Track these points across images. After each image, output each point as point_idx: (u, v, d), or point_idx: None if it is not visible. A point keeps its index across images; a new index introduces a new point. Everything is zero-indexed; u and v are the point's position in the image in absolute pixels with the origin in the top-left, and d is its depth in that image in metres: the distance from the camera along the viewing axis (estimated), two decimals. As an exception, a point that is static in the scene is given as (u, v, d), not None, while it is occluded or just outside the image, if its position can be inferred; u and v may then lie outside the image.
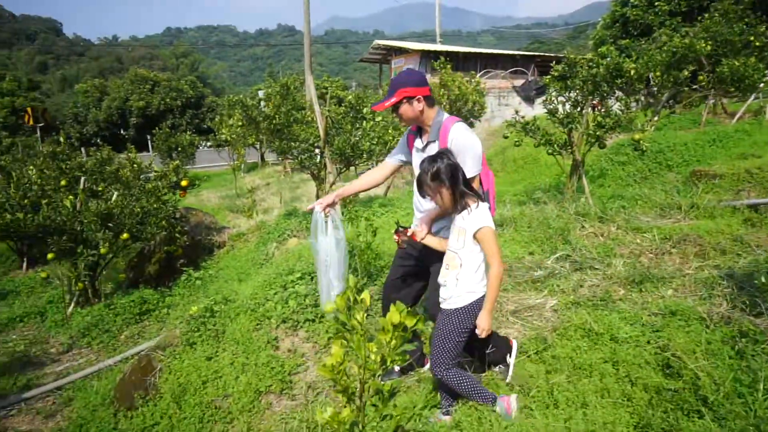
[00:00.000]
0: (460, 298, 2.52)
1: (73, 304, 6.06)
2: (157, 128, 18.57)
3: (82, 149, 9.92)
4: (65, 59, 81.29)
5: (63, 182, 6.64)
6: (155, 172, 7.06)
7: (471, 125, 10.63)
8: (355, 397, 1.44)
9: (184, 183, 7.76)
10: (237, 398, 3.34)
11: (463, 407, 2.66)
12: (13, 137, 14.22)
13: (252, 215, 9.63)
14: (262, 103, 8.10)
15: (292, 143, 7.07)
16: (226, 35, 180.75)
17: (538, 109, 18.21)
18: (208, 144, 29.25)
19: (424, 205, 2.88)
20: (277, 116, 6.88)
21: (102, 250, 5.78)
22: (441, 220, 2.81)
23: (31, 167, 7.40)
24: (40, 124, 20.64)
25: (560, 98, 6.51)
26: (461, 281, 2.51)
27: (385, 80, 26.48)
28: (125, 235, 5.93)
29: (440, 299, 2.62)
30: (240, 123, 8.13)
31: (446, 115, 2.84)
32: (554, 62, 7.24)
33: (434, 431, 2.57)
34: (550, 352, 3.15)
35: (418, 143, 2.89)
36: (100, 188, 7.13)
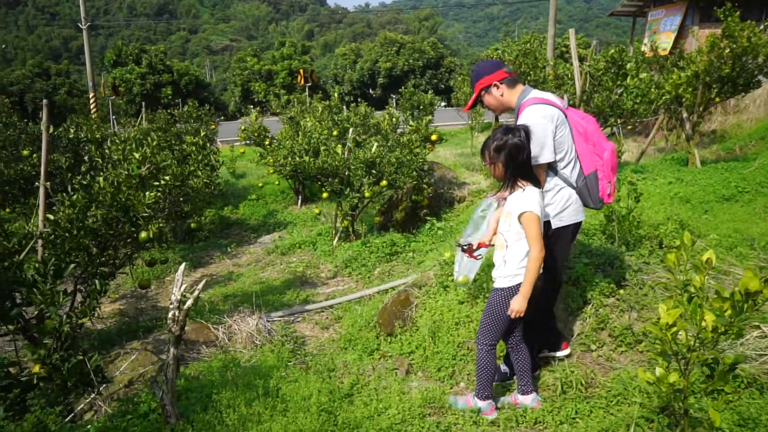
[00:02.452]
0: (506, 279, 2.66)
1: (337, 238, 7.03)
2: (402, 87, 19.82)
3: (344, 106, 11.31)
4: (327, 27, 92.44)
5: (335, 132, 7.61)
6: (410, 126, 7.57)
7: (758, 84, 8.93)
8: (680, 363, 1.33)
9: (434, 137, 8.18)
10: (488, 344, 3.46)
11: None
12: (288, 95, 16.83)
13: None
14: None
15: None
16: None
17: None
18: (443, 104, 30.10)
19: None
20: (531, 73, 6.67)
21: (366, 194, 6.51)
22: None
23: (308, 118, 8.66)
24: (308, 84, 23.98)
25: None
26: (508, 263, 2.65)
27: (637, 36, 23.32)
28: (384, 182, 6.56)
29: (492, 278, 2.80)
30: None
31: (532, 94, 2.77)
32: None
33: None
34: None
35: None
36: (359, 139, 7.99)
